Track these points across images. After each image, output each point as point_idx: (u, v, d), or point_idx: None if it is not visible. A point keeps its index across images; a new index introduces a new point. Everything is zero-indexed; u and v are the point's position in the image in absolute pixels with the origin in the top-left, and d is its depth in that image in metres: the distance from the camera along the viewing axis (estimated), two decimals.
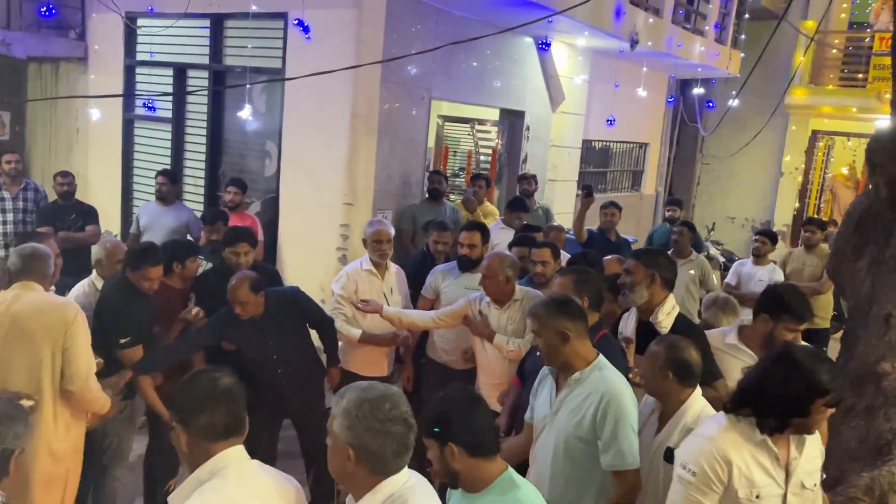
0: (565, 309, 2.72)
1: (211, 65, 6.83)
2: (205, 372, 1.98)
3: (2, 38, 7.14)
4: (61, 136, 8.16)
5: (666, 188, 12.43)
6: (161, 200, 6.06)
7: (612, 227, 6.35)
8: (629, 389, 2.69)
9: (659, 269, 3.43)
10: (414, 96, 6.48)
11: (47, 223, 5.86)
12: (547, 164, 8.60)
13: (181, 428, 1.89)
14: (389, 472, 1.85)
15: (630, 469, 2.60)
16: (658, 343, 2.83)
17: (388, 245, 4.52)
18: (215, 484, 1.82)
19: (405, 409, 1.87)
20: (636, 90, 8.58)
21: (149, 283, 3.79)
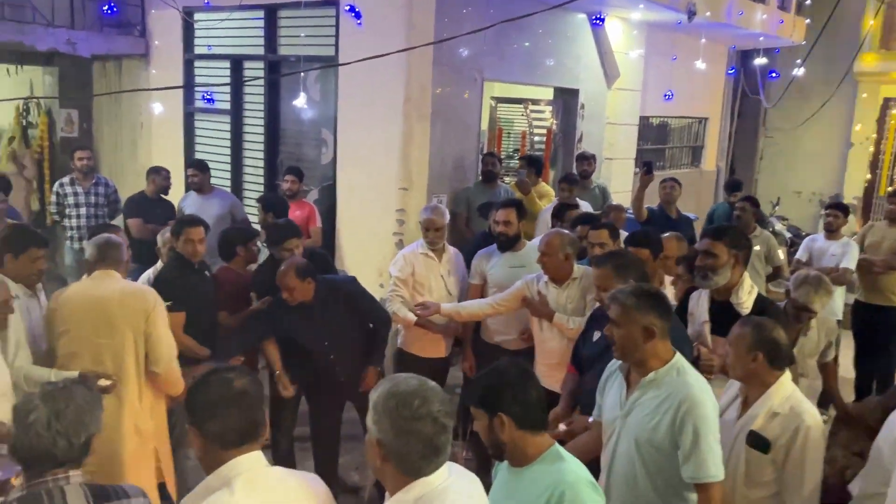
0: (656, 304, 2.50)
1: (266, 55, 6.94)
2: (218, 373, 1.83)
3: (67, 38, 7.39)
4: (126, 131, 8.43)
5: (727, 163, 12.08)
6: (198, 191, 6.16)
7: (672, 203, 6.22)
8: (710, 394, 2.49)
9: (741, 248, 3.32)
10: (466, 78, 6.45)
11: (135, 215, 6.03)
12: (603, 142, 8.45)
13: (194, 431, 1.78)
14: (420, 473, 1.73)
15: (713, 482, 2.41)
16: (743, 324, 2.72)
17: (438, 234, 4.52)
18: (222, 496, 1.70)
19: (438, 407, 1.74)
20: (694, 63, 8.32)
21: (192, 247, 4.06)
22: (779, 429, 2.62)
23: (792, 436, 2.59)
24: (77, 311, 3.34)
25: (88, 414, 1.93)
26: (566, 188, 6.09)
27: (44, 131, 8.49)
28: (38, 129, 8.59)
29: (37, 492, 1.84)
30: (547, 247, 3.91)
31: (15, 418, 1.87)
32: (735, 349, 2.69)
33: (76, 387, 1.97)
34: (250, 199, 6.91)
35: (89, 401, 1.96)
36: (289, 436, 4.40)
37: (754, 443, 2.65)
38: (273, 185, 7.11)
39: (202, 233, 4.18)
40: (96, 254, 3.48)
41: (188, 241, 4.10)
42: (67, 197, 6.43)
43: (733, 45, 10.73)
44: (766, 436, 2.63)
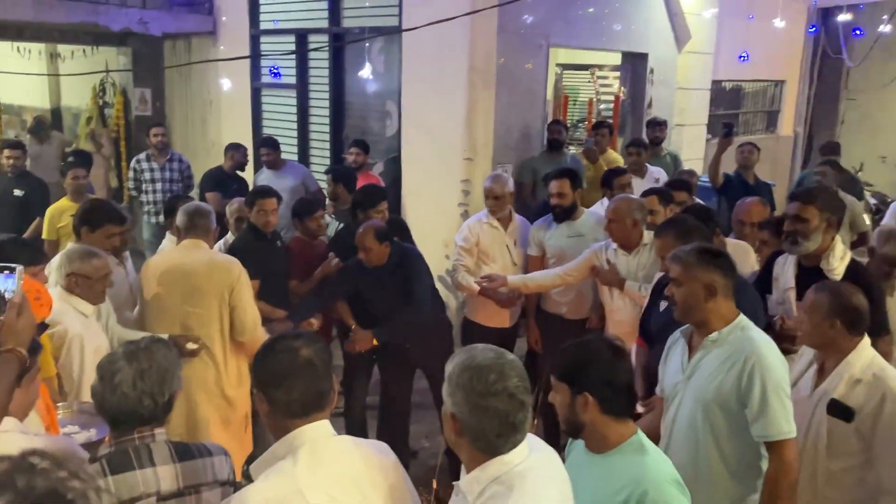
0: (718, 261, 2.44)
1: (330, 28, 6.96)
2: (284, 340, 1.77)
3: (140, 18, 7.58)
4: (196, 108, 8.63)
5: (806, 128, 11.54)
6: (271, 167, 6.21)
7: (750, 169, 5.97)
8: (776, 350, 2.41)
9: (834, 211, 3.16)
10: (532, 45, 6.32)
11: (212, 189, 6.15)
12: (673, 108, 8.17)
13: (260, 397, 1.75)
14: (496, 451, 1.64)
15: (786, 438, 2.31)
16: (818, 290, 2.60)
17: (497, 202, 4.45)
18: (285, 466, 1.65)
19: (515, 382, 1.63)
20: (772, 22, 7.93)
21: (265, 217, 4.15)
22: (862, 397, 2.50)
23: (878, 404, 2.46)
24: (166, 280, 3.47)
25: (170, 373, 1.97)
26: (634, 152, 5.93)
27: (119, 110, 8.78)
28: (113, 109, 8.89)
29: (124, 448, 1.90)
30: (613, 213, 3.82)
31: (100, 378, 1.93)
32: (811, 316, 2.58)
33: (157, 346, 2.01)
34: (317, 172, 6.97)
35: (170, 360, 2.00)
36: (361, 403, 4.46)
37: (836, 411, 2.53)
38: (339, 158, 7.16)
39: (275, 203, 4.24)
40: (186, 222, 3.58)
41: (261, 211, 4.17)
42: (144, 173, 6.64)
43: (814, 1, 10.18)
44: (848, 404, 2.51)
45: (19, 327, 1.76)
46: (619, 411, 1.95)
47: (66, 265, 3.05)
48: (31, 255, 2.88)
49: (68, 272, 3.04)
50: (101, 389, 1.91)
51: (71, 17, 7.20)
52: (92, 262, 3.07)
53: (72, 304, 3.04)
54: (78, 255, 3.09)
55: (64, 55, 9.35)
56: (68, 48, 9.02)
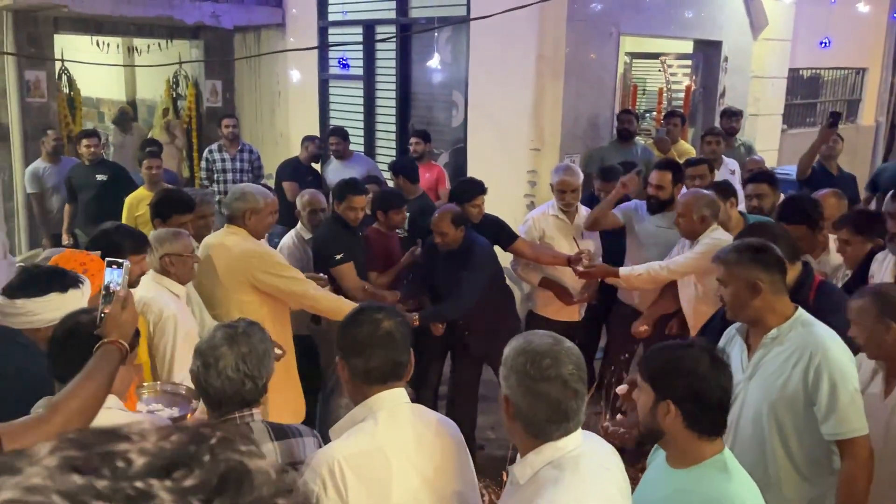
0: (760, 257, 2.34)
1: (398, 18, 6.98)
2: (368, 312, 1.88)
3: (212, 11, 7.75)
4: (265, 100, 8.79)
5: (888, 118, 11.00)
6: (339, 158, 6.29)
7: (834, 159, 5.72)
8: (842, 344, 2.29)
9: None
10: (601, 33, 6.19)
11: (290, 178, 6.25)
12: (748, 97, 7.89)
13: (342, 363, 1.85)
14: (547, 437, 1.64)
15: (859, 435, 2.21)
16: (860, 296, 2.46)
17: (573, 195, 4.42)
18: (367, 426, 1.77)
19: (571, 369, 1.61)
20: (854, 7, 7.57)
21: (354, 213, 4.08)
22: None
23: None
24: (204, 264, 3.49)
25: (267, 356, 2.01)
26: (713, 141, 5.73)
27: (191, 102, 9.01)
28: (186, 101, 9.13)
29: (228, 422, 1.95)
30: (683, 207, 3.79)
31: (203, 363, 1.95)
32: (860, 325, 2.41)
33: (253, 329, 2.04)
34: (383, 163, 7.02)
35: (266, 343, 2.04)
36: (432, 392, 4.46)
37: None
38: (405, 149, 7.18)
39: (365, 200, 4.20)
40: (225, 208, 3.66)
41: (351, 208, 4.10)
42: (216, 163, 6.80)
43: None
44: None
45: (123, 320, 1.82)
46: (704, 428, 1.80)
47: (158, 248, 3.13)
48: (135, 243, 2.97)
49: (162, 254, 3.12)
50: (204, 374, 1.95)
51: (147, 12, 7.42)
52: (181, 240, 3.17)
53: (164, 285, 3.13)
54: (167, 237, 3.17)
55: (140, 49, 9.65)
56: (144, 42, 9.31)
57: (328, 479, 1.69)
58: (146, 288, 3.12)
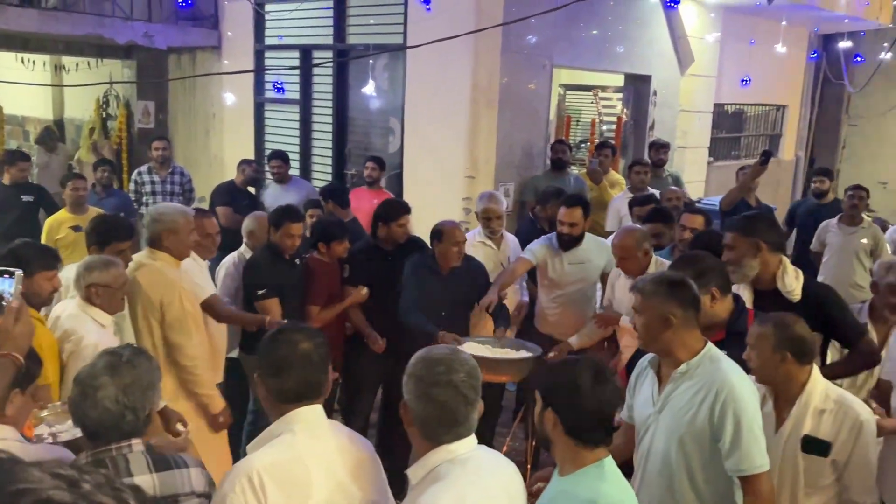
0: (675, 291, 2.34)
1: (335, 44, 6.99)
2: (286, 332, 1.91)
3: (145, 31, 7.60)
4: (199, 122, 8.64)
5: (807, 153, 11.56)
6: (279, 182, 6.24)
7: (752, 192, 5.97)
8: (748, 381, 2.34)
9: (761, 234, 3.08)
10: (535, 65, 6.34)
11: (224, 202, 6.12)
12: (676, 130, 8.19)
13: (260, 381, 1.89)
14: (439, 440, 1.76)
15: (760, 472, 2.24)
16: (763, 323, 2.49)
17: (499, 221, 4.50)
18: (285, 438, 1.81)
19: (462, 377, 1.74)
20: (774, 47, 7.97)
21: (291, 241, 3.99)
22: (831, 426, 2.42)
23: (852, 433, 2.40)
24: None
25: (153, 386, 1.95)
26: (641, 171, 5.89)
27: (122, 123, 8.78)
28: (116, 121, 8.90)
29: (101, 459, 1.87)
30: (623, 251, 3.73)
31: (81, 393, 1.88)
32: (759, 351, 2.46)
33: (139, 358, 1.98)
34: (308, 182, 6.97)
35: (153, 373, 1.98)
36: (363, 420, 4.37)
37: (812, 448, 2.44)
38: (341, 174, 7.17)
39: (301, 229, 4.11)
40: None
41: (288, 235, 3.99)
42: (145, 185, 6.63)
43: (815, 27, 10.25)
44: (820, 437, 2.43)
45: (16, 333, 1.75)
46: (583, 437, 1.89)
47: (85, 276, 3.03)
48: (45, 260, 2.92)
49: (88, 283, 3.03)
50: (81, 404, 1.87)
51: (76, 30, 7.22)
52: (111, 270, 3.07)
53: (90, 314, 3.04)
54: (97, 266, 3.07)
55: (68, 67, 9.38)
56: (73, 60, 9.06)
57: (248, 489, 1.72)
58: (69, 315, 3.03)
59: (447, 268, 4.00)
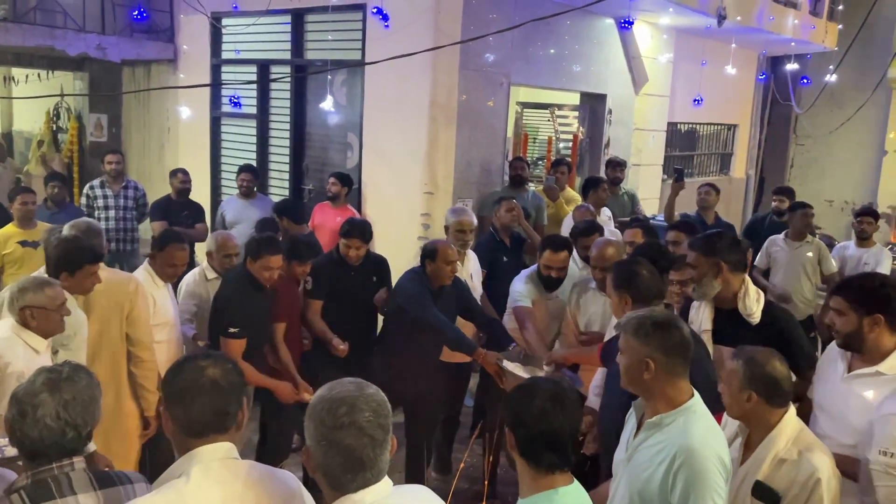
0: (658, 334, 2.15)
1: (293, 59, 6.97)
2: (193, 359, 1.77)
3: (98, 43, 7.48)
4: (154, 135, 8.52)
5: (757, 171, 11.90)
6: (245, 196, 6.20)
7: (709, 209, 6.10)
8: (716, 447, 2.10)
9: (721, 254, 3.06)
10: (493, 83, 6.41)
11: (161, 217, 6.07)
12: (630, 148, 8.35)
13: (165, 414, 1.75)
14: (344, 489, 1.58)
15: None
16: (735, 358, 2.35)
17: (471, 235, 4.53)
18: (178, 483, 1.66)
19: (368, 416, 1.57)
20: (724, 68, 8.21)
21: (269, 273, 3.75)
22: (787, 479, 2.23)
23: (803, 489, 2.19)
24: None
25: (94, 402, 1.91)
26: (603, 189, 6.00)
27: (74, 136, 8.61)
28: (68, 134, 8.72)
29: (42, 479, 1.82)
30: (605, 261, 3.61)
31: (19, 410, 1.83)
32: (728, 387, 2.33)
33: (79, 375, 1.93)
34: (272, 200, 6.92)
35: (93, 388, 1.93)
36: None
37: (761, 495, 2.27)
38: (298, 189, 7.12)
39: (280, 261, 3.85)
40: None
41: (267, 268, 3.76)
42: (97, 199, 6.48)
43: (764, 50, 10.59)
44: (773, 486, 2.25)
45: None
46: (535, 460, 1.85)
47: (19, 298, 2.88)
48: None
49: (22, 306, 2.88)
50: (20, 422, 1.81)
51: (27, 41, 7.07)
52: (46, 291, 2.91)
53: (23, 338, 2.89)
54: (31, 287, 2.91)
55: (18, 79, 9.16)
56: (23, 72, 8.85)
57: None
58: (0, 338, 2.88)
59: (438, 286, 4.00)
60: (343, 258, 4.27)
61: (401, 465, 4.19)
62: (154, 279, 3.79)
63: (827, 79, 9.43)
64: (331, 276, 4.22)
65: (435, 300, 3.97)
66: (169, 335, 3.79)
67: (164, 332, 3.74)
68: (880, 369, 2.47)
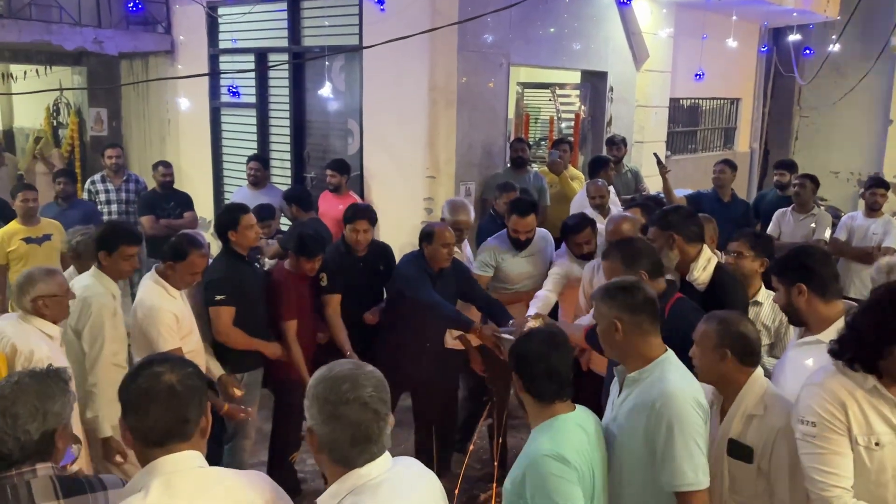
0: (621, 296, 2.33)
1: (290, 47, 6.92)
2: (149, 364, 1.70)
3: (94, 37, 7.44)
4: (154, 127, 8.49)
5: (761, 145, 11.81)
6: (254, 185, 6.21)
7: (725, 187, 6.02)
8: (692, 393, 2.24)
9: (674, 227, 3.21)
10: (492, 64, 6.36)
11: (148, 211, 6.13)
12: (633, 125, 8.29)
13: (123, 424, 1.67)
14: (351, 463, 1.64)
15: (693, 490, 2.16)
16: (708, 321, 2.44)
17: (466, 233, 4.58)
18: (135, 500, 1.59)
19: (370, 391, 1.63)
20: (725, 42, 8.12)
21: (251, 233, 3.91)
22: (757, 433, 2.33)
23: (768, 438, 2.30)
24: None
25: (42, 407, 1.84)
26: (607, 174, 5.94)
27: (74, 131, 8.59)
28: (68, 129, 8.70)
29: (1, 486, 1.79)
30: (619, 235, 3.65)
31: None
32: (701, 348, 2.42)
33: (32, 379, 1.88)
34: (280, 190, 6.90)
35: (46, 393, 1.87)
36: None
37: (736, 452, 2.36)
38: (300, 178, 7.10)
39: (253, 218, 4.02)
40: None
41: (247, 227, 3.89)
42: (99, 194, 6.50)
43: (765, 22, 10.47)
44: (746, 443, 2.34)
45: None
46: (538, 394, 2.19)
47: (30, 290, 2.99)
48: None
49: (34, 296, 2.99)
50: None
51: (23, 37, 7.04)
52: (55, 279, 3.05)
53: (36, 326, 3.00)
54: (39, 278, 3.03)
55: (16, 75, 9.13)
56: (21, 68, 8.81)
57: None
58: (14, 330, 2.97)
59: (436, 268, 4.01)
60: (349, 249, 4.26)
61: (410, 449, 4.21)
62: (168, 291, 3.54)
63: (830, 49, 9.31)
64: (340, 269, 4.22)
65: (434, 283, 3.98)
66: (196, 344, 3.63)
67: (191, 341, 3.57)
68: (821, 338, 2.50)
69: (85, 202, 6.34)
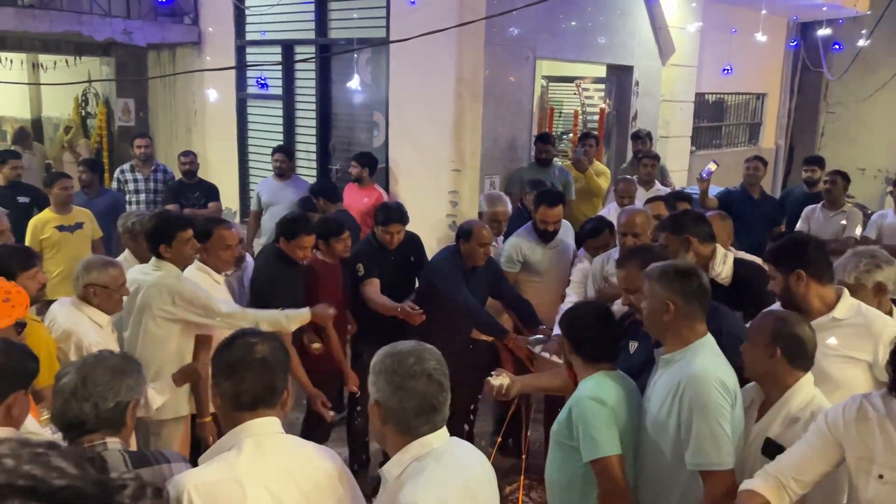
0: (679, 280, 2.37)
1: (317, 39, 6.95)
2: (243, 336, 1.85)
3: (124, 28, 7.52)
4: (181, 118, 8.57)
5: (787, 141, 11.68)
6: (280, 176, 6.25)
7: (756, 185, 5.96)
8: (721, 376, 2.26)
9: (688, 230, 3.23)
10: (518, 57, 6.35)
11: (173, 201, 6.20)
12: (658, 120, 8.25)
13: (214, 389, 1.82)
14: (416, 433, 1.75)
15: (718, 470, 2.19)
16: (765, 317, 2.43)
17: (504, 224, 4.57)
18: (230, 455, 1.73)
19: (434, 364, 1.77)
20: (754, 36, 8.03)
21: (302, 252, 3.85)
22: (795, 437, 2.24)
23: None
24: None
25: (118, 380, 1.91)
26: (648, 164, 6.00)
27: (102, 121, 8.69)
28: (96, 119, 8.81)
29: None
30: (640, 227, 3.66)
31: (52, 388, 1.90)
32: (752, 343, 2.39)
33: (112, 354, 1.99)
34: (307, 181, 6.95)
35: (122, 368, 1.95)
36: None
37: (770, 452, 2.30)
38: (326, 170, 7.14)
39: (314, 240, 3.92)
40: None
41: (301, 247, 3.82)
42: (128, 183, 6.58)
43: (794, 16, 10.34)
44: (783, 444, 2.28)
45: None
46: (586, 354, 2.51)
47: (84, 276, 3.06)
48: (23, 259, 2.94)
49: (86, 283, 3.06)
50: (52, 399, 1.89)
51: (53, 27, 7.13)
52: (109, 271, 3.09)
53: (86, 313, 3.06)
54: (95, 266, 3.10)
55: (46, 65, 9.25)
56: (50, 58, 8.94)
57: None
58: (66, 315, 3.04)
59: (471, 265, 4.03)
60: (381, 245, 4.26)
61: None
62: (211, 276, 3.57)
63: (860, 44, 9.18)
64: (373, 263, 4.22)
65: (467, 280, 3.99)
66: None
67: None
68: (835, 315, 2.60)
69: (110, 191, 6.41)
